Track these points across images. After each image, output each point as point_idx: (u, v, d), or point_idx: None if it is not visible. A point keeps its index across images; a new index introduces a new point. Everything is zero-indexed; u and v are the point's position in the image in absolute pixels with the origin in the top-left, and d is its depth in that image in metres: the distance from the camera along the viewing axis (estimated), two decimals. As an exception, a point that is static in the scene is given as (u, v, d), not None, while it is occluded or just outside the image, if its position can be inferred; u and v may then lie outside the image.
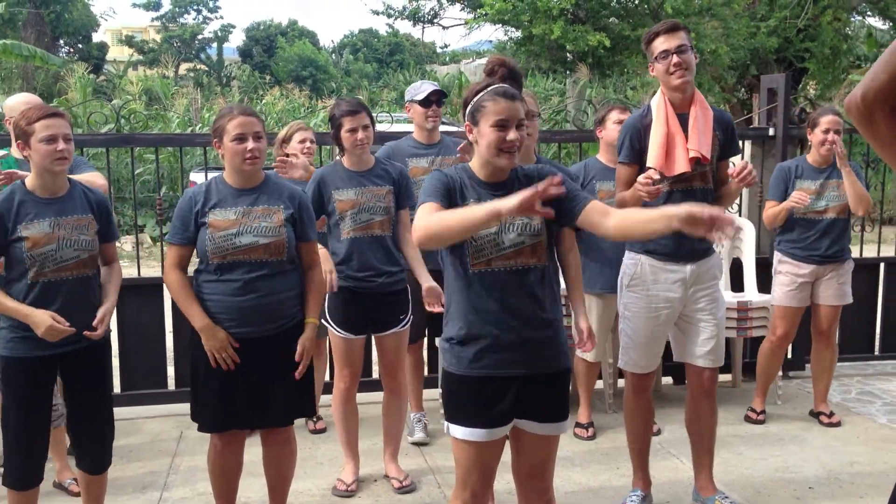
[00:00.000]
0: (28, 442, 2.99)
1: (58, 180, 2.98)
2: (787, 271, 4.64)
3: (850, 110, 1.43)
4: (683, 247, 3.37)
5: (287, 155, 4.23)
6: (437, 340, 4.31)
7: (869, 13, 16.80)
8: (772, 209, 4.61)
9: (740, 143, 5.04)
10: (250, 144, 3.01)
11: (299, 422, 4.28)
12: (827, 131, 4.43)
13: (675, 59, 3.27)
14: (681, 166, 3.30)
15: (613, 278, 4.42)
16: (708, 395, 3.59)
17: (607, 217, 2.42)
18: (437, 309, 3.44)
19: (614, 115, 4.43)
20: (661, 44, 3.30)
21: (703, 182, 3.39)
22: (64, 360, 3.02)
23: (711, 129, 3.37)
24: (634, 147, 3.40)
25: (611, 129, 4.41)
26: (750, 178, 3.22)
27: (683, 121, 3.34)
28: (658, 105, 3.38)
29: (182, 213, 3.08)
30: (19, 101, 3.77)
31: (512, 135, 2.40)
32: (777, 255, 4.74)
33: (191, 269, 3.16)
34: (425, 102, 4.27)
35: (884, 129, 1.39)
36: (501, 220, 2.27)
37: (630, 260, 3.50)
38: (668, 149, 3.31)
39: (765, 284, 5.14)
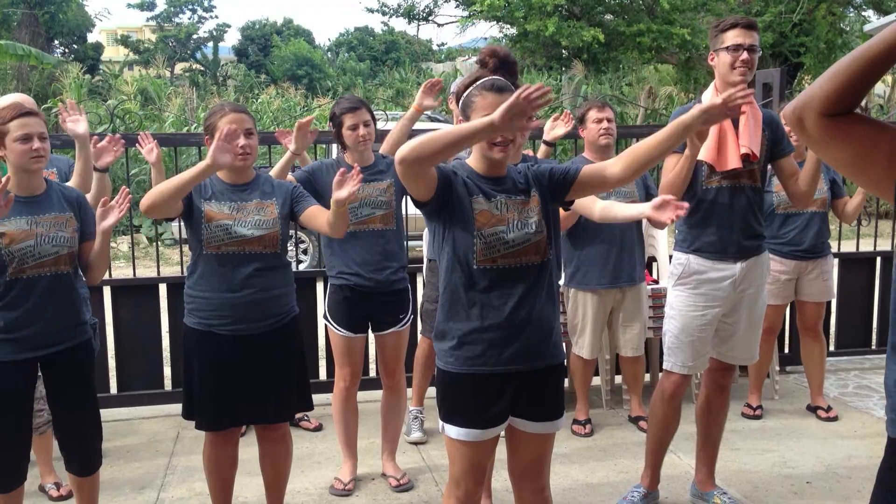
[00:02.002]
0: (8, 444, 2.96)
1: (34, 179, 2.97)
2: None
3: (785, 116, 1.57)
4: (732, 244, 3.36)
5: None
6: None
7: (863, 7, 16.83)
8: None
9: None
10: (241, 141, 3.02)
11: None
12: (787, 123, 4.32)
13: (745, 55, 3.23)
14: (733, 162, 3.27)
15: (608, 274, 4.44)
16: (722, 389, 3.59)
17: (607, 165, 2.46)
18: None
19: (593, 114, 4.38)
20: (734, 36, 3.25)
21: (752, 180, 3.37)
22: (44, 363, 2.99)
23: (761, 128, 3.34)
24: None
25: (591, 129, 4.38)
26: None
27: (734, 118, 3.31)
28: (710, 100, 3.35)
29: None
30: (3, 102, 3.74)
31: None
32: None
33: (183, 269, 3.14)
34: None
35: (814, 132, 1.53)
36: (493, 130, 2.18)
37: (677, 259, 3.47)
38: (720, 144, 3.28)
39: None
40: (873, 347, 5.83)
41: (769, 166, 3.50)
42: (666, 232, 5.04)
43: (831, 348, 5.71)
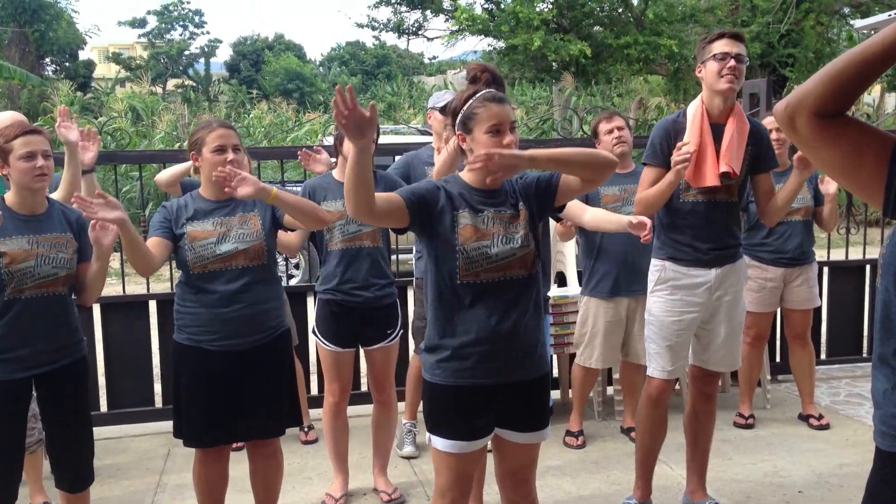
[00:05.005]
0: (3, 464, 2.95)
1: (37, 197, 2.98)
2: (754, 276, 4.58)
3: (776, 114, 1.56)
4: (705, 254, 3.38)
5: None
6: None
7: (851, 16, 16.94)
8: None
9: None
10: (230, 156, 3.04)
11: (290, 434, 4.28)
12: (770, 132, 4.18)
13: (731, 62, 3.25)
14: (710, 180, 3.28)
15: (621, 283, 4.42)
16: (708, 397, 3.60)
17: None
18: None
19: (603, 126, 4.36)
20: (722, 46, 3.28)
21: (728, 195, 3.38)
22: (39, 381, 2.98)
23: (745, 143, 3.34)
24: (663, 150, 3.36)
25: (605, 140, 4.35)
26: None
27: (718, 131, 3.31)
28: (694, 114, 3.35)
29: (158, 216, 3.10)
30: (2, 121, 3.75)
31: (508, 138, 2.41)
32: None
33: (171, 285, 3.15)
34: (445, 110, 4.25)
35: (805, 132, 1.51)
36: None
37: (654, 266, 3.50)
38: (697, 161, 3.28)
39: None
40: (864, 355, 5.84)
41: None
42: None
43: (822, 357, 5.72)
